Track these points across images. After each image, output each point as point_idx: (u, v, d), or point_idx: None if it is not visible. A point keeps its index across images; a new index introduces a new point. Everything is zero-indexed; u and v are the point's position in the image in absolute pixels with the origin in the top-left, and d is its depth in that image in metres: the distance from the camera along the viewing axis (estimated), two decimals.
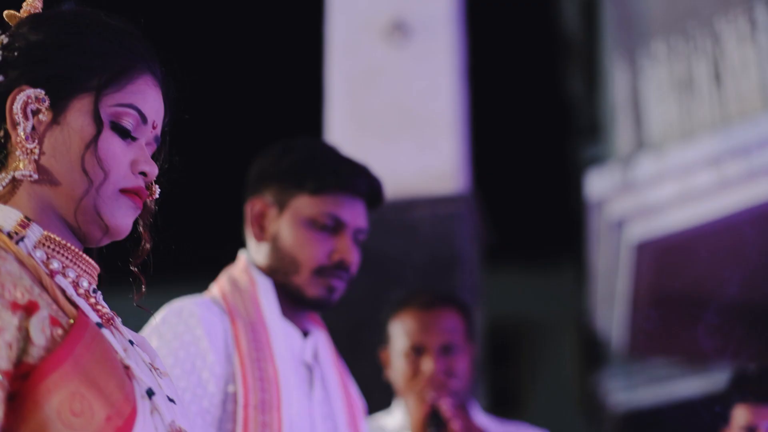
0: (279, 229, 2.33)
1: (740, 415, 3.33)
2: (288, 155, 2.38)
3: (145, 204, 1.52)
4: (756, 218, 5.87)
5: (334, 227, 2.31)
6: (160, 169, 1.54)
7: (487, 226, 4.90)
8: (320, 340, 2.38)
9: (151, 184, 1.51)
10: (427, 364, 3.15)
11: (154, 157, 1.54)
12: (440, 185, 4.54)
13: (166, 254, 1.60)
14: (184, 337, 2.17)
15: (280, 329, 2.26)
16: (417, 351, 3.18)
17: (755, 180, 5.56)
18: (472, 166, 4.89)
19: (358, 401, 2.46)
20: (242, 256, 2.40)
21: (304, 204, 2.32)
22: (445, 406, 3.04)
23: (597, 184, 6.04)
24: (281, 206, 2.34)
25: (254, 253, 2.38)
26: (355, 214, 2.33)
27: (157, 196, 1.53)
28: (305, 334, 2.35)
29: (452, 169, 4.58)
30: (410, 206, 4.39)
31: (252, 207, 2.37)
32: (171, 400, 1.49)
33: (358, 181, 2.34)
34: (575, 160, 10.46)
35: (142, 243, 1.55)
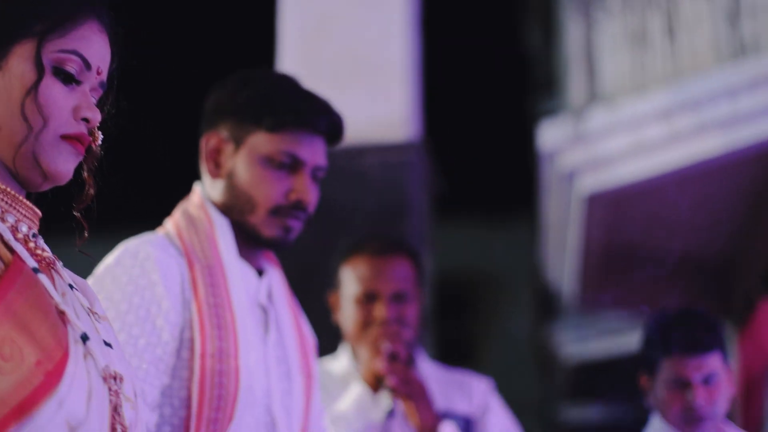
0: (235, 166, 2.26)
1: (669, 367, 3.21)
2: (245, 89, 2.30)
3: (90, 149, 1.51)
4: (706, 172, 5.92)
5: (291, 165, 2.24)
6: (107, 115, 1.54)
7: (438, 175, 4.91)
8: (274, 278, 2.33)
9: (94, 129, 1.50)
10: (380, 312, 3.16)
11: (101, 102, 1.54)
12: (391, 133, 4.53)
13: (113, 200, 1.60)
14: (139, 282, 2.11)
15: (237, 272, 2.21)
16: (369, 298, 3.18)
17: (705, 134, 5.61)
18: (423, 115, 4.89)
19: (311, 340, 2.42)
20: (197, 189, 2.34)
21: (261, 141, 2.24)
22: (380, 364, 3.05)
23: (549, 135, 6.06)
24: (237, 142, 2.26)
25: (209, 188, 2.32)
26: (313, 152, 2.26)
27: (100, 142, 1.52)
28: (260, 273, 2.30)
29: (403, 117, 4.58)
30: (360, 153, 4.39)
31: (207, 142, 2.30)
32: (108, 345, 1.49)
33: (317, 118, 2.27)
34: (531, 113, 10.48)
35: (86, 188, 1.54)
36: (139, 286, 2.10)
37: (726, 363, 3.28)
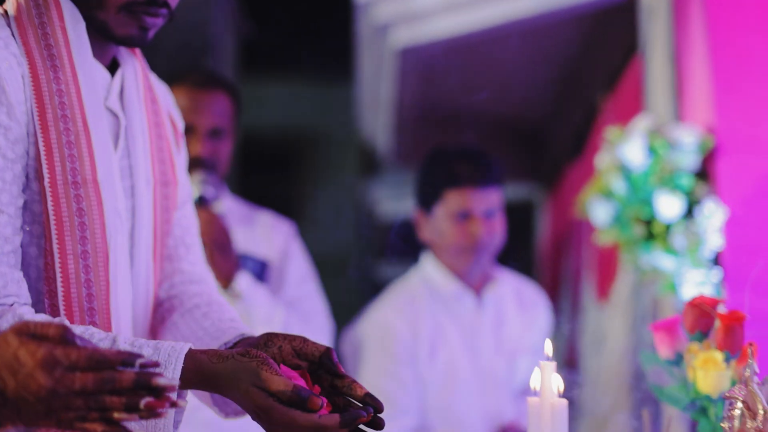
0: None
1: (454, 198, 3.32)
2: None
3: None
4: (520, 33, 5.96)
5: None
6: None
7: (246, 17, 4.83)
8: (128, 74, 1.97)
9: None
10: (194, 149, 3.12)
11: None
12: None
13: None
14: None
15: (89, 73, 1.88)
16: (185, 131, 3.14)
17: None
18: None
19: (170, 136, 2.10)
20: None
21: None
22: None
23: None
24: None
25: None
26: None
27: None
28: (113, 69, 1.96)
29: None
30: None
31: None
32: None
33: None
34: None
35: None
36: None
37: (503, 203, 3.40)
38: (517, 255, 4.19)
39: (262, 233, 3.45)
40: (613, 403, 4.85)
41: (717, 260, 3.61)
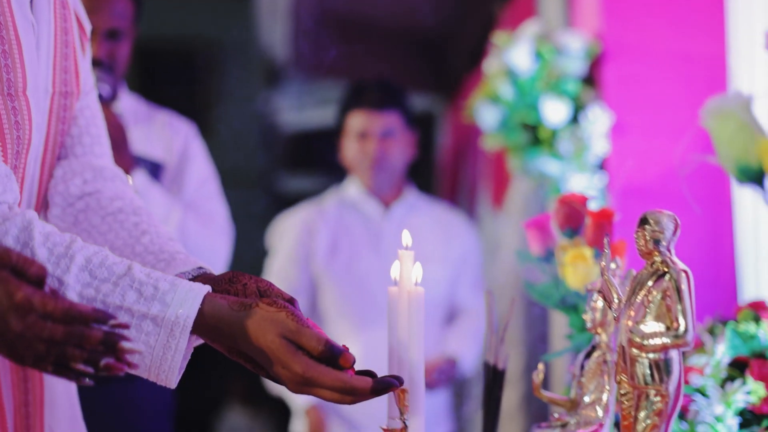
0: None
1: (355, 119, 3.77)
2: None
3: None
4: None
5: None
6: None
7: None
8: None
9: None
10: (92, 49, 3.04)
11: None
12: None
13: None
14: None
15: None
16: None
17: None
18: None
19: (75, 45, 1.97)
20: None
21: None
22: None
23: None
24: None
25: None
26: None
27: None
28: None
29: None
30: None
31: None
32: None
33: None
34: None
35: None
36: None
37: (406, 127, 3.81)
38: (418, 166, 4.29)
39: (160, 133, 3.40)
40: (507, 310, 4.93)
41: (602, 165, 3.66)
